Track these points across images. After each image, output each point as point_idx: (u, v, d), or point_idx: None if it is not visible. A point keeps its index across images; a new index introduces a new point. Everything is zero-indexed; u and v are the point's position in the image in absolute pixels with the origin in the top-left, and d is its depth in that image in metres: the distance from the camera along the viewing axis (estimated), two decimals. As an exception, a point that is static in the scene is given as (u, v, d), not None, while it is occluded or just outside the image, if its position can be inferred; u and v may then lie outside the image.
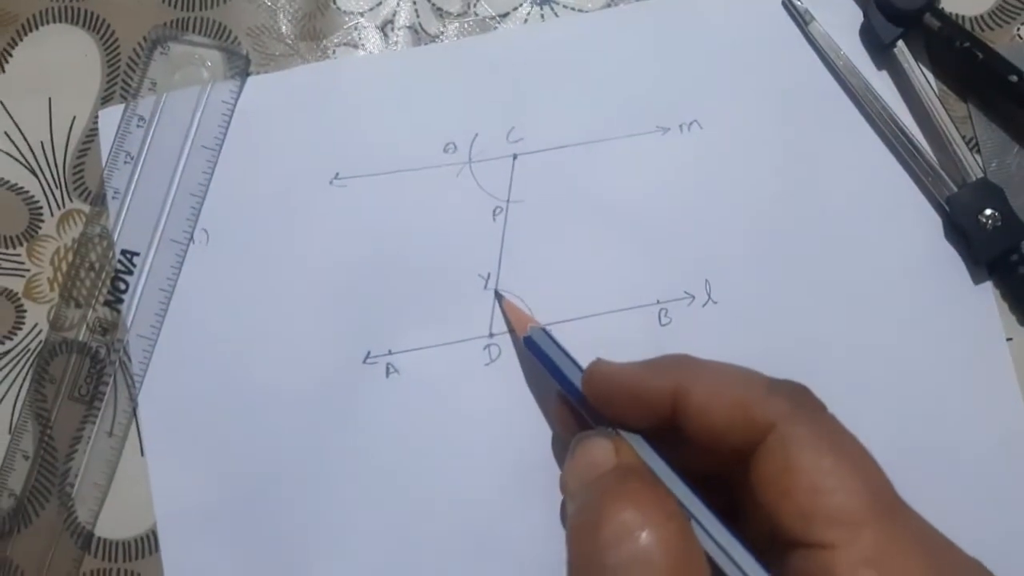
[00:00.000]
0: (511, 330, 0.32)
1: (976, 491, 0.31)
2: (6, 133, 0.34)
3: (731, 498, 0.23)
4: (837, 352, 0.32)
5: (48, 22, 0.35)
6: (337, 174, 0.33)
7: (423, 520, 0.31)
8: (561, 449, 0.31)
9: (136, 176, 0.33)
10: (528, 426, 0.32)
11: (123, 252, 0.33)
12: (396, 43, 0.35)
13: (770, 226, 0.33)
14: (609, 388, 0.25)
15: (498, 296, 0.33)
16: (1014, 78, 0.32)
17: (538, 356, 0.29)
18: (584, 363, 0.27)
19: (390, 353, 0.32)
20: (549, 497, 0.31)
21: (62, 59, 0.35)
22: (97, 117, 0.34)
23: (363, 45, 0.35)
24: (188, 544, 0.31)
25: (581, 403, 0.26)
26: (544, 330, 0.30)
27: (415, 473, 0.31)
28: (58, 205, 0.34)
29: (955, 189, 0.32)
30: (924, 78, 0.33)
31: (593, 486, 0.22)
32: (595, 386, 0.25)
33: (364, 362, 0.32)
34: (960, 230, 0.32)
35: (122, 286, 0.33)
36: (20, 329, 0.33)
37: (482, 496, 0.31)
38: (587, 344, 0.32)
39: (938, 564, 0.20)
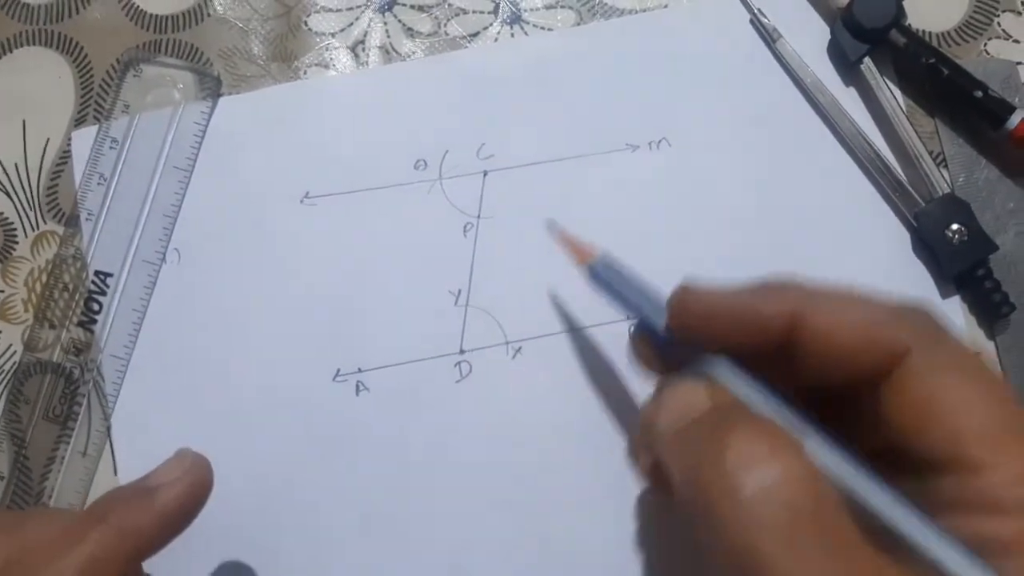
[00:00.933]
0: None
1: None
2: (-20, 155, 0.35)
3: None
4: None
5: (22, 45, 0.36)
6: (308, 193, 0.34)
7: (394, 537, 0.31)
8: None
9: (109, 197, 0.34)
10: (498, 443, 0.32)
11: (96, 273, 0.33)
12: (367, 63, 0.35)
13: (739, 241, 0.33)
14: (708, 311, 0.22)
15: (551, 227, 0.30)
16: (979, 93, 0.32)
17: (606, 288, 0.26)
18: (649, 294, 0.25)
19: (360, 371, 0.32)
20: (519, 514, 0.31)
21: (36, 82, 0.35)
22: (71, 139, 0.34)
23: (334, 65, 0.35)
24: (161, 563, 0.31)
25: (661, 332, 0.24)
26: (607, 258, 0.27)
27: (385, 491, 0.31)
28: (32, 227, 0.34)
29: (923, 204, 0.33)
30: (891, 94, 0.33)
31: (692, 426, 0.21)
32: (689, 310, 0.23)
33: (334, 380, 0.32)
34: (928, 245, 0.32)
35: (95, 307, 0.33)
36: (-6, 350, 0.33)
37: (453, 512, 0.31)
38: (557, 359, 0.32)
39: None
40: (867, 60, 0.33)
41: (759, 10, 0.34)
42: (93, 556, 0.23)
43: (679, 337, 0.23)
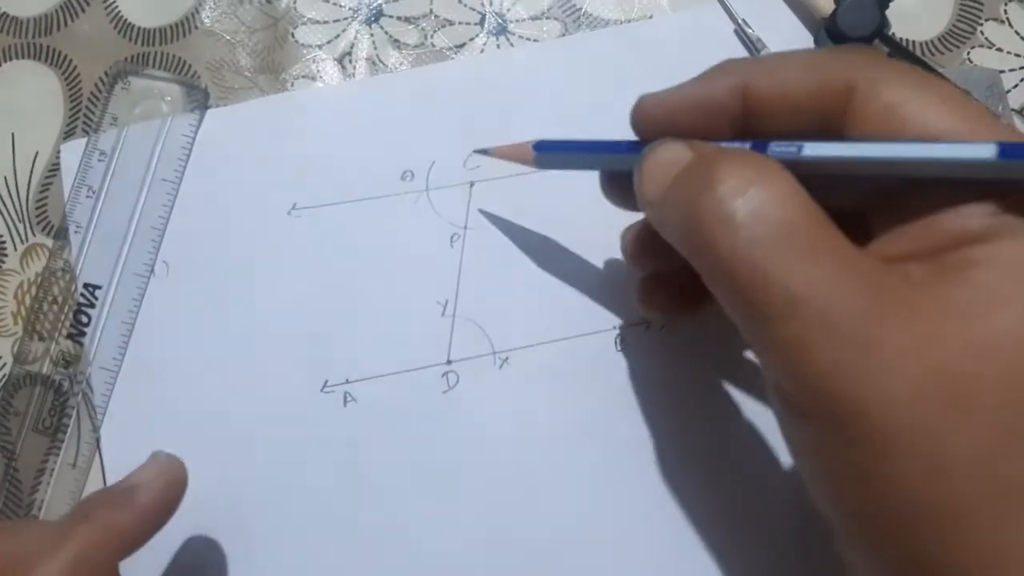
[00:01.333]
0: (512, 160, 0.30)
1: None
2: (-30, 169, 0.35)
3: None
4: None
5: (11, 59, 0.36)
6: (295, 204, 0.34)
7: (381, 549, 0.31)
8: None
9: (98, 210, 0.34)
10: (486, 452, 0.32)
11: (85, 285, 0.33)
12: (354, 75, 0.35)
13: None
14: (668, 109, 0.24)
15: (480, 152, 0.31)
16: (962, 102, 0.32)
17: (560, 148, 0.28)
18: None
19: (347, 382, 0.32)
20: (506, 523, 0.31)
21: (25, 95, 0.35)
22: (59, 152, 0.35)
23: (321, 77, 0.35)
24: (150, 574, 0.32)
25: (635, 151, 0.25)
26: (543, 140, 0.29)
27: (372, 501, 0.32)
28: (21, 240, 0.34)
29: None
30: (874, 103, 0.33)
31: (682, 175, 0.22)
32: (649, 114, 0.24)
33: (322, 391, 0.32)
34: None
35: (84, 319, 0.33)
36: (-17, 363, 0.34)
37: (439, 523, 0.31)
38: (544, 369, 0.32)
39: None
40: (851, 69, 0.34)
41: (743, 20, 0.34)
42: (80, 553, 0.24)
43: (647, 142, 0.24)
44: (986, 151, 0.19)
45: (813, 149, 0.21)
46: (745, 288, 0.19)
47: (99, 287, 0.33)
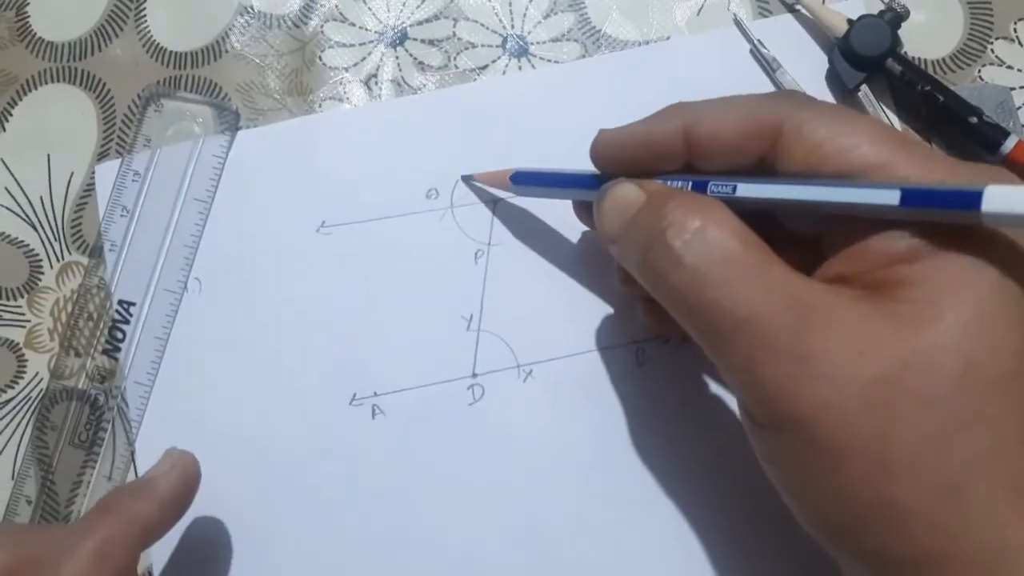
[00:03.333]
0: (494, 187, 0.34)
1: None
2: (7, 189, 0.36)
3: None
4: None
5: (47, 82, 0.37)
6: (323, 222, 0.35)
7: (408, 559, 0.32)
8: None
9: (132, 228, 0.35)
10: (510, 464, 0.33)
11: (120, 302, 0.34)
12: (380, 96, 0.36)
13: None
14: (621, 146, 0.27)
15: (465, 179, 0.35)
16: (975, 119, 0.33)
17: (533, 181, 0.31)
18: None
19: (375, 395, 0.33)
20: (531, 534, 0.32)
21: (60, 117, 0.36)
22: (94, 172, 0.36)
23: (348, 98, 0.36)
24: (183, 584, 0.32)
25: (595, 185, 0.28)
26: (521, 169, 0.32)
27: (400, 511, 0.32)
28: (57, 258, 0.35)
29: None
30: (888, 121, 0.34)
31: (635, 217, 0.24)
32: (605, 150, 0.27)
33: (350, 404, 0.33)
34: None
35: (119, 335, 0.34)
36: (21, 378, 0.34)
37: (466, 534, 0.32)
38: (567, 381, 0.33)
39: (958, 168, 0.21)
40: (864, 88, 0.34)
41: (759, 41, 0.35)
42: (104, 542, 0.26)
43: (606, 175, 0.27)
44: (890, 197, 0.20)
45: (746, 190, 0.24)
46: (698, 316, 0.22)
47: (133, 304, 0.34)
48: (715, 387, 0.33)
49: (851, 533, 0.20)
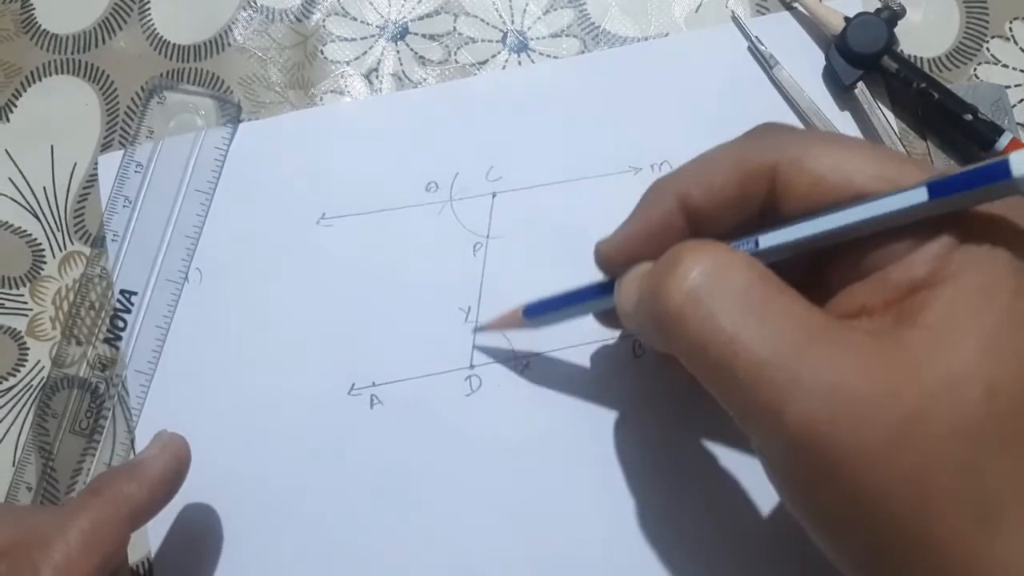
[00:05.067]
0: (507, 327, 0.34)
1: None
2: (10, 179, 0.36)
3: None
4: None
5: (51, 74, 0.37)
6: (324, 214, 0.35)
7: (404, 547, 0.32)
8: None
9: (134, 219, 0.35)
10: (507, 454, 0.33)
11: (122, 292, 0.35)
12: (380, 90, 0.36)
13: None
14: (623, 251, 0.26)
15: (480, 329, 0.34)
16: (969, 117, 0.33)
17: (546, 309, 0.31)
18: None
19: (374, 385, 0.34)
20: (526, 524, 0.32)
21: (64, 109, 0.37)
22: (97, 163, 0.36)
23: (349, 92, 0.36)
24: (182, 573, 0.33)
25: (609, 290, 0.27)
26: (530, 303, 0.32)
27: (397, 501, 0.33)
28: (60, 247, 0.36)
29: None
30: (884, 118, 0.35)
31: (647, 273, 0.24)
32: (610, 259, 0.27)
33: (349, 394, 0.33)
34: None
35: (121, 324, 0.34)
36: (23, 366, 0.35)
37: (462, 523, 0.32)
38: (564, 373, 0.33)
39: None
40: (861, 85, 0.35)
41: (756, 37, 0.36)
42: (94, 523, 0.26)
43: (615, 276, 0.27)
44: (918, 196, 0.20)
45: (769, 239, 0.23)
46: (716, 359, 0.20)
47: (135, 293, 0.35)
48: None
49: (885, 568, 0.20)
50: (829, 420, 0.19)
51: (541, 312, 0.31)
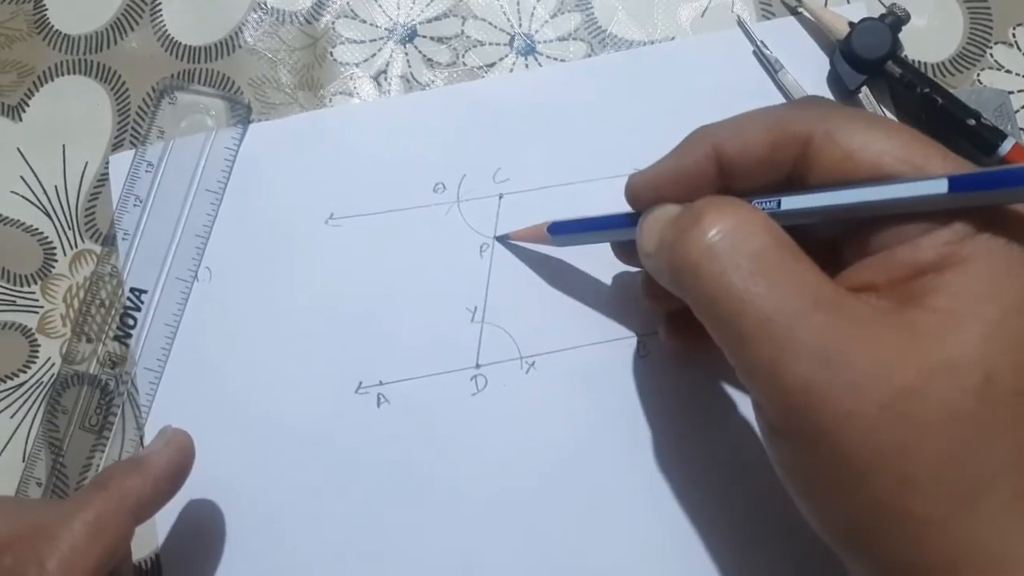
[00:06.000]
0: (528, 240, 0.34)
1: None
2: (22, 178, 0.37)
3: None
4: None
5: (63, 74, 0.38)
6: (332, 214, 0.35)
7: (410, 546, 0.33)
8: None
9: (144, 218, 0.36)
10: (512, 454, 0.33)
11: (132, 290, 0.35)
12: (389, 92, 0.37)
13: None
14: (654, 186, 0.27)
15: (501, 239, 0.35)
16: (972, 122, 0.34)
17: (571, 229, 0.32)
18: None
19: (381, 384, 0.34)
20: (532, 524, 0.32)
21: (76, 109, 0.37)
22: (108, 163, 0.36)
23: (358, 94, 0.37)
24: (189, 569, 0.33)
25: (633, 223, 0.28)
26: (556, 220, 0.32)
27: (404, 499, 0.33)
28: (71, 245, 0.36)
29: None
30: (888, 121, 0.35)
31: (670, 220, 0.24)
32: (639, 192, 0.27)
33: (356, 392, 0.34)
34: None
35: (131, 322, 0.35)
36: (34, 363, 0.35)
37: (467, 523, 0.33)
38: (569, 373, 0.34)
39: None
40: (865, 89, 0.35)
41: (762, 42, 0.36)
42: (98, 516, 0.26)
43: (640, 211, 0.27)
44: (938, 186, 0.21)
45: (791, 202, 0.24)
46: (725, 313, 0.21)
47: (145, 291, 0.35)
48: (717, 379, 0.33)
49: (866, 541, 0.21)
50: (824, 383, 0.20)
51: (565, 231, 0.32)
